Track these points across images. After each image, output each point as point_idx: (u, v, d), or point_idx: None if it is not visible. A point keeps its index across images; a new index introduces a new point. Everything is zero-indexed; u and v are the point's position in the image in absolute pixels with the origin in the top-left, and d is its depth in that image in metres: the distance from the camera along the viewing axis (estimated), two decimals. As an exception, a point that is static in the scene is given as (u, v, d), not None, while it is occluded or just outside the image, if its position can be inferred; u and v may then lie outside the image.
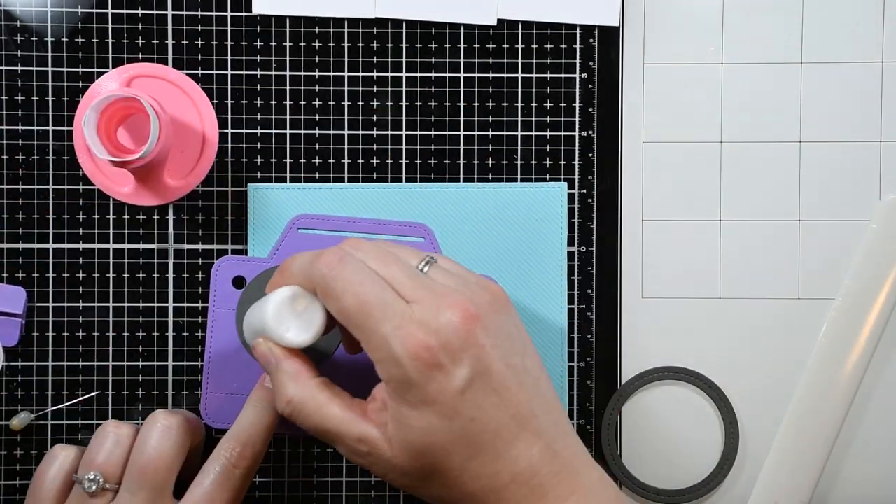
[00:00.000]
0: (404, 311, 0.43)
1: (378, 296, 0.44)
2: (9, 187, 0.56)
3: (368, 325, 0.43)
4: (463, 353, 0.43)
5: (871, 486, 0.58)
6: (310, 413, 0.45)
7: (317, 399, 0.45)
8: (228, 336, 0.56)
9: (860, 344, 0.57)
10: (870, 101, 0.58)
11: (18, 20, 0.56)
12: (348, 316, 0.44)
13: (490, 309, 0.44)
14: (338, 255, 0.45)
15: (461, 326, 0.43)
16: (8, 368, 0.56)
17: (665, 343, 0.58)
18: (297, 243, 0.56)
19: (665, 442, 0.58)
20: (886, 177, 0.58)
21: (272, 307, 0.47)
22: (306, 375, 0.46)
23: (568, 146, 0.57)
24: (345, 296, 0.44)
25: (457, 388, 0.43)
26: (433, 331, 0.43)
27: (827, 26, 0.57)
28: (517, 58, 0.57)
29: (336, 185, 0.57)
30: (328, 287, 0.45)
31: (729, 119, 0.58)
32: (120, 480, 0.49)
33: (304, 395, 0.46)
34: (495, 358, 0.43)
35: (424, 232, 0.56)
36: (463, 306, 0.43)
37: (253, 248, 0.57)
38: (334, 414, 0.45)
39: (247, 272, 0.56)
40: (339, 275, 0.44)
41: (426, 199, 0.57)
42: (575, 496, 0.44)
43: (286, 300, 0.47)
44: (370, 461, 0.45)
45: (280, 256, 0.56)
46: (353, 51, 0.57)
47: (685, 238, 0.58)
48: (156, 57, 0.56)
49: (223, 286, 0.56)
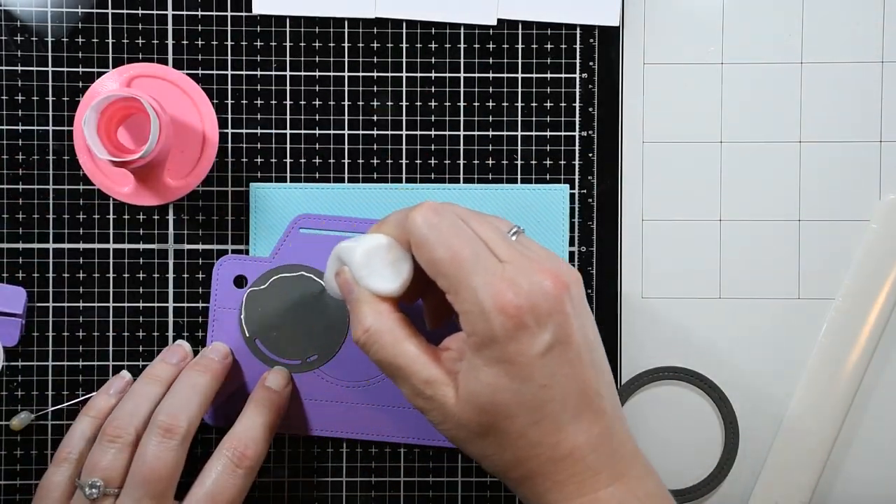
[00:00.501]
0: (496, 268, 0.44)
1: (472, 249, 0.44)
2: (9, 187, 0.56)
3: (460, 276, 0.44)
4: (549, 319, 0.43)
5: (872, 486, 0.58)
6: (385, 344, 0.46)
7: (394, 333, 0.46)
8: (229, 335, 0.56)
9: (860, 344, 0.57)
10: (870, 101, 0.58)
11: (18, 20, 0.56)
12: (440, 266, 0.44)
13: (576, 281, 0.45)
14: (434, 208, 0.45)
15: (551, 291, 0.43)
16: (8, 368, 0.56)
17: (665, 343, 0.58)
18: (298, 243, 0.56)
19: (665, 442, 0.58)
20: (886, 177, 0.58)
21: (362, 250, 0.47)
22: (387, 308, 0.47)
23: (568, 146, 0.57)
24: (438, 246, 0.44)
25: (537, 351, 0.43)
26: (524, 291, 0.43)
27: (827, 26, 0.57)
28: (517, 58, 0.57)
29: (338, 185, 0.57)
30: (422, 237, 0.45)
31: (729, 119, 0.58)
32: (121, 485, 0.49)
33: (383, 327, 0.46)
34: (576, 328, 0.44)
35: None
36: (554, 273, 0.44)
37: (254, 248, 0.57)
38: (409, 351, 0.45)
39: (248, 272, 0.56)
40: (435, 225, 0.45)
41: (426, 199, 0.57)
42: (625, 479, 0.44)
43: (378, 247, 0.47)
44: (430, 406, 0.45)
45: (281, 256, 0.56)
46: (353, 51, 0.57)
47: (685, 238, 0.58)
48: (156, 57, 0.56)
49: (224, 285, 0.56)
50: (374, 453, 0.57)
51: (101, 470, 0.49)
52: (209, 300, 0.56)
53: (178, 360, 0.54)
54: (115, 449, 0.50)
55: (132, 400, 0.52)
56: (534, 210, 0.57)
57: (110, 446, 0.50)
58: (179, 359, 0.54)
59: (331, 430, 0.56)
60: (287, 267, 0.56)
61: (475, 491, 0.58)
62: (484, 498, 0.58)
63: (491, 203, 0.57)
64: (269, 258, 0.56)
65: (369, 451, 0.57)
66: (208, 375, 0.53)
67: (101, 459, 0.49)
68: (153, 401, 0.52)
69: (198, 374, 0.53)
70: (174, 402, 0.51)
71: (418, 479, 0.57)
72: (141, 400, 0.52)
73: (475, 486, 0.58)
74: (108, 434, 0.50)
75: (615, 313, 0.58)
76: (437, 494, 0.57)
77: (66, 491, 0.50)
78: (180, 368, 0.54)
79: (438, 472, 0.57)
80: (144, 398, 0.52)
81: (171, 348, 0.55)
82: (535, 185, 0.57)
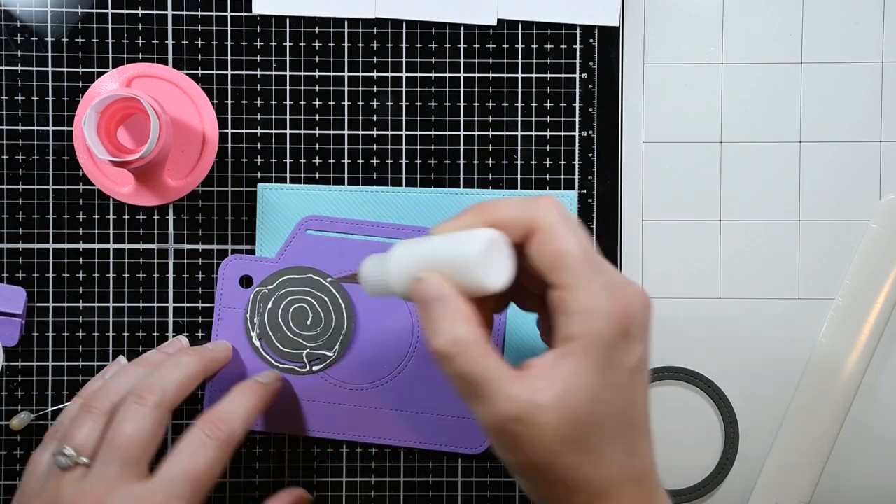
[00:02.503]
0: (615, 273, 0.43)
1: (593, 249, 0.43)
2: (9, 187, 0.56)
3: (585, 273, 0.42)
4: (644, 333, 0.43)
5: (872, 486, 0.58)
6: (473, 357, 0.42)
7: (481, 346, 0.42)
8: (234, 335, 0.56)
9: (860, 344, 0.57)
10: (870, 101, 0.58)
11: (18, 20, 0.56)
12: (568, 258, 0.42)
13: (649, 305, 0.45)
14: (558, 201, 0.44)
15: (646, 308, 0.43)
16: (8, 368, 0.56)
17: (665, 343, 0.58)
18: (305, 244, 0.56)
19: (665, 442, 0.58)
20: (886, 177, 0.58)
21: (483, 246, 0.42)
22: (475, 320, 0.43)
23: (568, 146, 0.57)
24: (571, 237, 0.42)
25: (631, 364, 0.42)
26: (637, 301, 0.42)
27: (827, 26, 0.57)
28: (517, 58, 0.57)
29: (346, 187, 0.57)
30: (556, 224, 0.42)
31: (729, 119, 0.58)
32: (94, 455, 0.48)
33: (472, 339, 0.42)
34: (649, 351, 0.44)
35: None
36: (643, 292, 0.43)
37: (260, 248, 0.56)
38: (496, 366, 0.42)
39: (254, 272, 0.56)
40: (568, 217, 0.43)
41: (433, 204, 0.57)
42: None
43: (496, 240, 0.43)
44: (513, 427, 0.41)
45: (288, 257, 0.56)
46: (353, 51, 0.57)
47: (685, 238, 0.58)
48: (156, 57, 0.56)
49: (230, 285, 0.56)
50: (374, 453, 0.57)
51: (75, 439, 0.48)
52: (210, 300, 0.56)
53: (173, 352, 0.54)
54: (91, 420, 0.49)
55: (116, 378, 0.51)
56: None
57: (87, 418, 0.49)
58: (174, 350, 0.55)
59: (334, 433, 0.56)
60: (295, 269, 0.56)
61: (475, 491, 0.58)
62: (484, 498, 0.58)
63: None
64: (275, 259, 0.56)
65: (369, 451, 0.57)
66: (196, 357, 0.52)
67: (77, 431, 0.49)
68: (137, 380, 0.51)
69: (185, 353, 0.53)
70: (153, 374, 0.50)
71: (418, 479, 0.57)
72: (125, 378, 0.51)
73: (475, 486, 0.58)
74: (85, 406, 0.50)
75: (615, 313, 0.58)
76: (437, 494, 0.57)
77: (49, 467, 0.49)
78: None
79: (438, 472, 0.57)
80: (128, 377, 0.51)
81: (169, 341, 0.56)
82: (540, 190, 0.57)
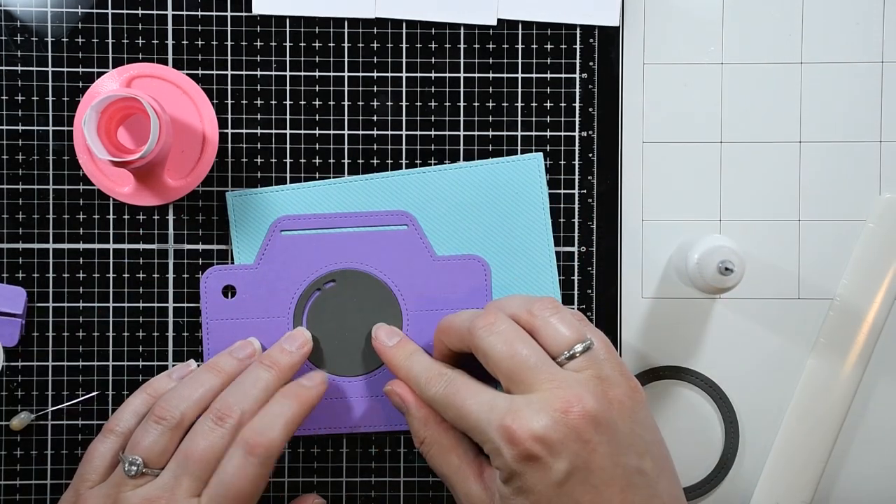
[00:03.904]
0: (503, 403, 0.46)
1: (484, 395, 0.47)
2: (9, 187, 0.56)
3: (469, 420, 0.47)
4: (563, 448, 0.44)
5: (872, 486, 0.58)
6: (434, 455, 0.50)
7: (441, 444, 0.50)
8: (225, 345, 0.55)
9: (859, 343, 0.57)
10: (870, 101, 0.58)
11: (18, 20, 0.56)
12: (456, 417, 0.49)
13: (614, 407, 0.46)
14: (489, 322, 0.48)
15: (565, 421, 0.44)
16: (8, 368, 0.56)
17: (665, 343, 0.58)
18: (281, 245, 0.56)
19: (665, 442, 0.58)
20: (886, 177, 0.58)
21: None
22: (434, 420, 0.50)
23: (568, 146, 0.57)
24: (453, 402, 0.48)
25: (554, 480, 0.44)
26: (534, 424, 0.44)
27: (827, 26, 0.57)
28: (517, 58, 0.57)
29: (314, 182, 0.56)
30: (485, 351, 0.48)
31: (729, 119, 0.58)
32: (161, 466, 0.49)
33: (431, 438, 0.50)
34: (602, 454, 0.44)
35: (407, 219, 0.56)
36: (575, 401, 0.44)
37: (238, 256, 0.56)
38: (452, 463, 0.49)
39: (236, 281, 0.56)
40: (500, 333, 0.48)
41: (406, 186, 0.57)
42: None
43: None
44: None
45: (267, 261, 0.56)
46: (353, 51, 0.57)
47: (685, 238, 0.58)
48: (156, 57, 0.56)
49: (214, 297, 0.56)
50: (374, 453, 0.57)
51: (142, 448, 0.49)
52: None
53: (245, 356, 0.53)
54: (159, 430, 0.49)
55: (188, 385, 0.51)
56: (510, 182, 0.56)
57: (154, 426, 0.49)
58: (246, 355, 0.53)
59: (331, 427, 0.56)
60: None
61: (475, 491, 0.58)
62: (484, 498, 0.58)
63: (469, 181, 0.56)
64: (254, 264, 0.56)
65: (369, 451, 0.57)
66: (274, 371, 0.52)
67: (144, 438, 0.49)
68: (209, 389, 0.51)
69: (263, 368, 0.52)
70: (233, 392, 0.50)
71: (418, 479, 0.57)
72: (196, 386, 0.51)
73: (475, 486, 0.57)
74: (155, 414, 0.49)
75: (615, 313, 0.58)
76: (437, 494, 0.57)
77: (108, 461, 0.50)
78: (245, 365, 0.52)
79: (438, 472, 0.57)
80: (200, 385, 0.51)
81: (240, 343, 0.54)
82: (507, 157, 0.57)
